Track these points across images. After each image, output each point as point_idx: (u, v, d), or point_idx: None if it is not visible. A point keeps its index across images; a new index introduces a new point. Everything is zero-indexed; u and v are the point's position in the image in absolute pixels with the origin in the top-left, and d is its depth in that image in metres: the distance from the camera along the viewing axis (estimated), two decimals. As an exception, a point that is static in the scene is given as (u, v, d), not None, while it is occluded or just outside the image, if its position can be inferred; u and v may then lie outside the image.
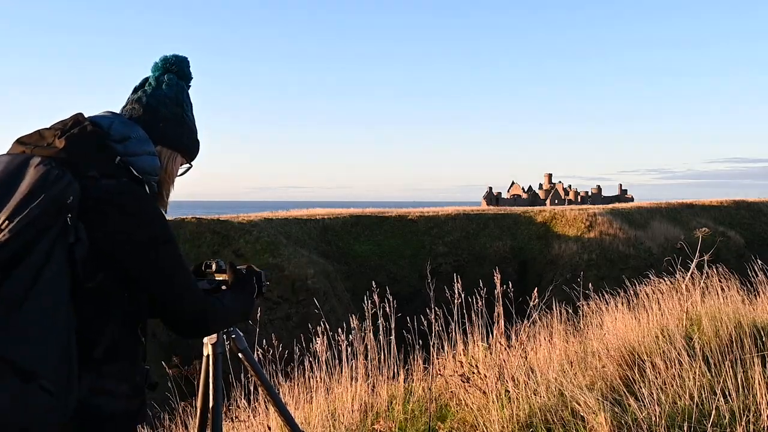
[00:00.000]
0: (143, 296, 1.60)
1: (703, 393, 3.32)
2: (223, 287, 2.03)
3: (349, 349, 4.53)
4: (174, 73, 1.80)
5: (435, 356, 4.60)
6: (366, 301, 4.80)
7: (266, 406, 3.97)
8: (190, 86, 1.87)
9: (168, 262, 1.59)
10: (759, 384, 3.17)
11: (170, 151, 1.79)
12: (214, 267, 2.03)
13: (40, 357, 1.31)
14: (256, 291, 1.99)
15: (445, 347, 4.69)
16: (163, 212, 1.70)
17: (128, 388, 1.58)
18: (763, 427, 2.99)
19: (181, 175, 1.87)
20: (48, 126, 1.59)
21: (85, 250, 1.42)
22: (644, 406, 3.21)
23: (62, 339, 1.36)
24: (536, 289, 4.62)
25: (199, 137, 1.89)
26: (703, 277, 5.54)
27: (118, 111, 1.75)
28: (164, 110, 1.75)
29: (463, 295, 4.71)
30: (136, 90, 1.79)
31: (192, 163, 1.89)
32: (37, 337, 1.31)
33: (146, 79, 1.80)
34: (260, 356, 4.52)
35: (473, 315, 4.83)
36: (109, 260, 1.49)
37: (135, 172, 1.60)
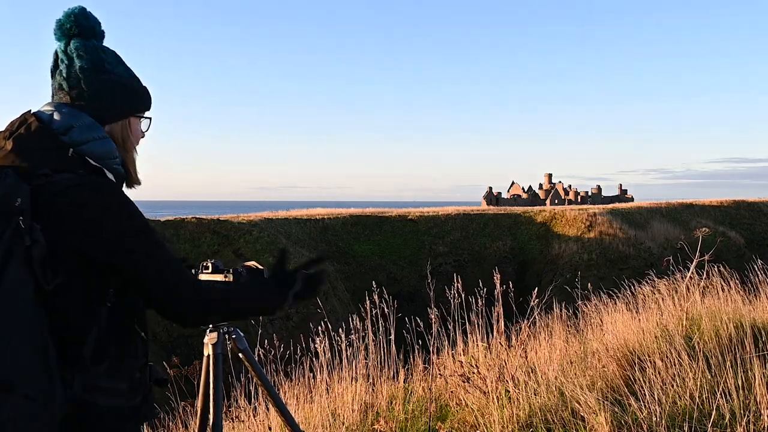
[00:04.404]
0: (131, 289, 1.54)
1: (703, 393, 3.32)
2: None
3: (350, 349, 4.53)
4: (77, 36, 1.60)
5: (435, 356, 4.60)
6: (366, 301, 4.80)
7: (267, 406, 3.97)
8: (102, 33, 1.65)
9: (143, 251, 1.51)
10: (759, 384, 3.18)
11: (120, 123, 1.66)
12: (210, 268, 2.02)
13: (15, 366, 1.28)
14: (294, 288, 1.81)
15: (445, 347, 4.69)
16: (129, 199, 1.57)
17: (126, 385, 1.54)
18: (763, 427, 2.99)
19: (147, 130, 1.75)
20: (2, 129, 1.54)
21: (43, 252, 1.36)
22: (644, 406, 3.21)
23: (36, 343, 1.33)
24: (536, 289, 4.62)
25: (140, 83, 1.70)
26: (703, 277, 5.55)
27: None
28: (89, 87, 1.59)
29: (462, 295, 4.72)
30: (53, 73, 1.63)
31: (149, 114, 1.74)
32: (8, 347, 1.27)
33: (56, 56, 1.62)
34: (261, 356, 4.52)
35: (473, 315, 4.83)
36: (76, 258, 1.43)
37: (92, 162, 1.52)
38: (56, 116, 1.53)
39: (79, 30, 1.60)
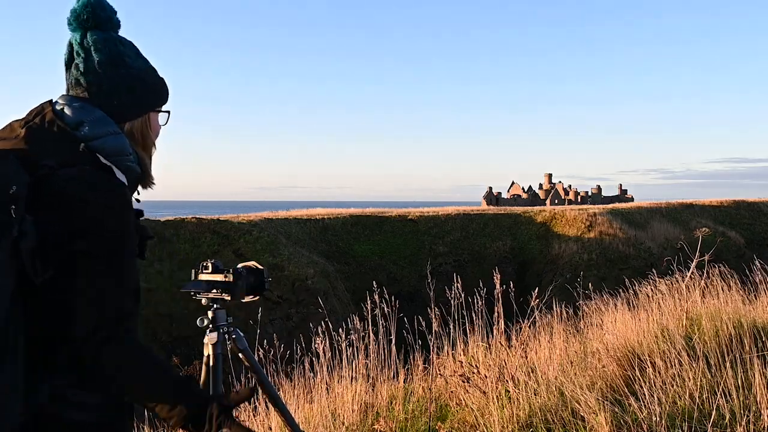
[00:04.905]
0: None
1: (703, 393, 3.32)
2: (218, 292, 2.01)
3: (350, 349, 4.53)
4: (94, 28, 1.53)
5: (435, 356, 4.60)
6: (366, 301, 4.80)
7: (267, 406, 3.97)
8: (119, 23, 1.58)
9: (121, 258, 1.40)
10: (759, 384, 3.18)
11: (140, 119, 1.60)
12: (210, 268, 2.02)
13: None
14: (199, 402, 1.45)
15: (445, 347, 4.69)
16: (131, 202, 1.49)
17: (100, 399, 1.40)
18: (763, 427, 2.99)
19: (165, 124, 1.70)
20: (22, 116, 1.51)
21: (32, 244, 1.29)
22: (644, 406, 3.21)
23: (7, 340, 1.25)
24: (536, 289, 4.62)
25: (158, 75, 1.64)
26: (703, 277, 5.55)
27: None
28: (108, 83, 1.53)
29: (463, 295, 4.72)
30: (67, 66, 1.56)
31: (166, 107, 1.69)
32: None
33: (71, 47, 1.55)
34: (260, 356, 4.52)
35: (473, 315, 4.83)
36: (78, 254, 1.35)
37: (102, 158, 1.45)
38: (67, 110, 1.48)
39: (96, 21, 1.53)
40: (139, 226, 1.55)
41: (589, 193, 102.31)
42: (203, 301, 2.05)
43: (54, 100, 1.52)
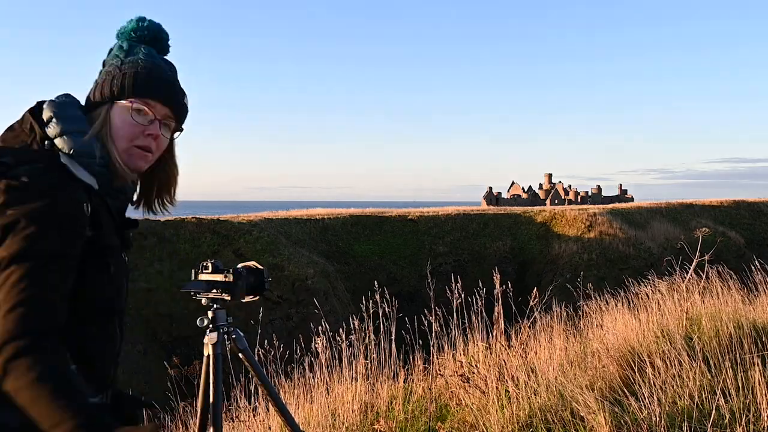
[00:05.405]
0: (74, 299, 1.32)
1: (703, 393, 3.32)
2: (218, 292, 2.02)
3: (349, 349, 4.53)
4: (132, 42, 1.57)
5: (435, 356, 4.60)
6: (366, 301, 4.80)
7: (266, 406, 3.97)
8: (129, 32, 1.57)
9: (21, 277, 1.24)
10: (759, 384, 3.18)
11: (97, 111, 1.51)
12: (210, 268, 2.02)
13: None
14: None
15: (445, 347, 4.69)
16: (72, 208, 1.35)
17: (19, 423, 1.17)
18: (763, 427, 2.99)
19: (141, 116, 1.52)
20: None
21: None
22: (644, 406, 3.21)
23: None
24: (536, 289, 4.62)
25: (139, 68, 1.53)
26: (703, 277, 5.55)
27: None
28: (94, 83, 1.57)
29: (462, 295, 4.72)
30: None
31: (153, 102, 1.53)
32: None
33: None
34: (260, 356, 4.52)
35: (473, 315, 4.83)
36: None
37: (62, 157, 1.39)
38: (47, 106, 1.46)
39: (117, 36, 1.60)
40: (107, 234, 1.45)
41: (589, 193, 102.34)
42: (203, 301, 2.05)
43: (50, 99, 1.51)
